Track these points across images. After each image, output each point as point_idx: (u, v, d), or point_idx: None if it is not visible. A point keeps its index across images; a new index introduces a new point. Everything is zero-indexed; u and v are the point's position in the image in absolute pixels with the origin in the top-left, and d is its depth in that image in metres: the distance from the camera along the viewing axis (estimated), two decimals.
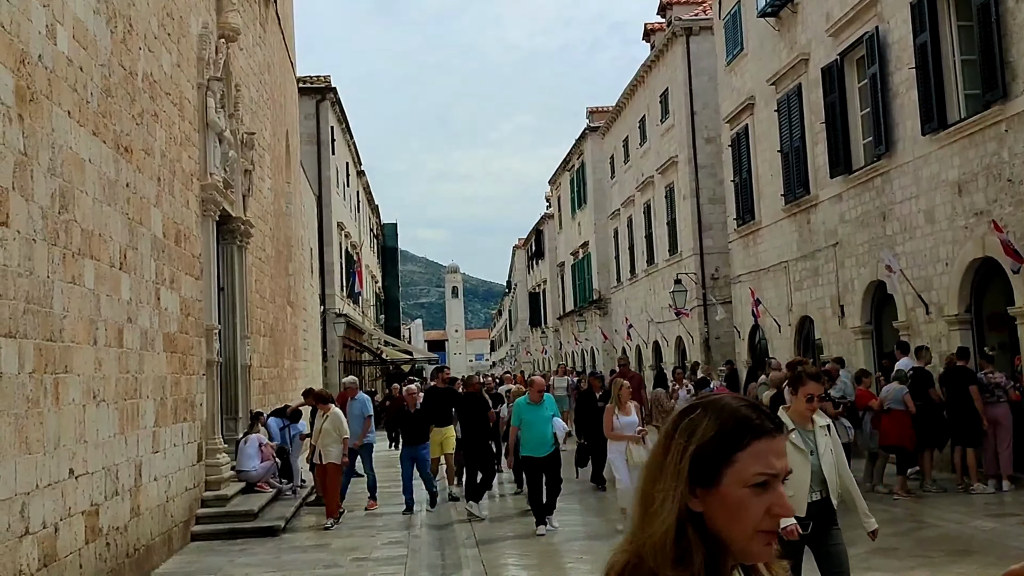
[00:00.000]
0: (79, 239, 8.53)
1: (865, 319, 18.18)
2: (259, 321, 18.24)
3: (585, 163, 43.89)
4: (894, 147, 16.39)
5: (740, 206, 24.17)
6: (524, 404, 12.20)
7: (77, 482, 8.18)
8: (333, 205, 36.23)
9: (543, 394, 12.27)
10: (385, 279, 62.84)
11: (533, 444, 11.92)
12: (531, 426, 11.95)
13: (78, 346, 8.38)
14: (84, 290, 8.60)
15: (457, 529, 12.66)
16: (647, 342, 33.80)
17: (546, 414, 11.97)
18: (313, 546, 11.66)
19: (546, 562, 10.28)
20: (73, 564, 8.00)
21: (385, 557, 10.76)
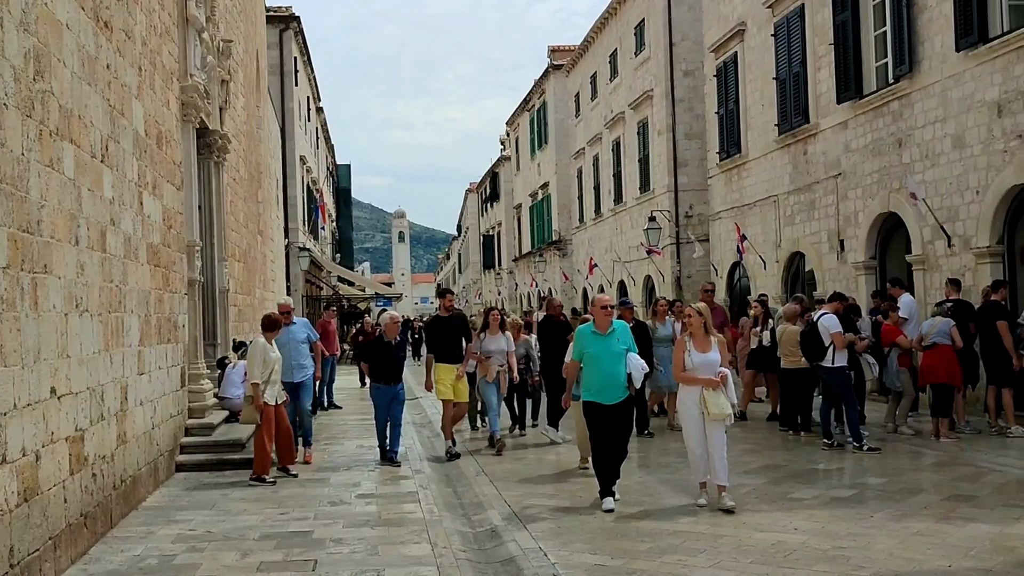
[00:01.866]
0: (57, 116, 6.74)
1: (869, 254, 16.94)
2: (234, 245, 16.41)
3: (547, 102, 42.12)
4: (918, 67, 15.00)
5: (725, 139, 22.74)
6: (588, 333, 8.68)
7: (60, 403, 6.48)
8: (296, 138, 34.16)
9: (611, 319, 8.71)
10: (339, 219, 60.78)
11: (599, 386, 8.47)
12: (597, 362, 8.50)
13: (58, 243, 6.63)
14: (64, 178, 6.84)
15: (462, 465, 11.17)
16: (611, 281, 32.46)
17: (618, 347, 8.52)
18: (311, 480, 10.07)
19: (576, 501, 8.83)
20: (57, 498, 6.35)
21: (395, 493, 9.22)
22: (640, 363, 8.56)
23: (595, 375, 8.50)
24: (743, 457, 10.68)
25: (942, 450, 11.11)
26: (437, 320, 12.15)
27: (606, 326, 8.61)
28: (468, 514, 8.46)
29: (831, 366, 11.30)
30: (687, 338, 8.53)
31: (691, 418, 8.35)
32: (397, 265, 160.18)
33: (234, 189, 16.79)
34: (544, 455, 11.78)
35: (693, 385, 8.34)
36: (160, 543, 7.23)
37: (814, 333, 11.40)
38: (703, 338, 8.46)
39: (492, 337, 12.34)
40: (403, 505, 8.60)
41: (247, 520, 8.01)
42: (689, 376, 8.40)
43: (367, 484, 9.83)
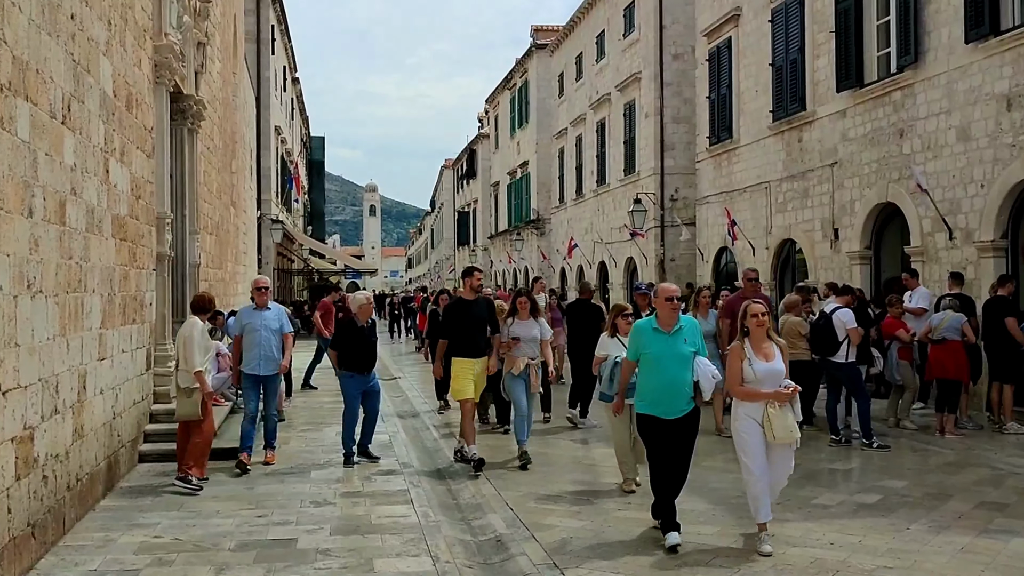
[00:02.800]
0: (9, 68, 5.84)
1: (864, 243, 16.31)
2: (206, 217, 15.49)
3: (529, 81, 41.18)
4: (923, 57, 14.32)
5: (716, 124, 22.00)
6: (649, 330, 6.88)
7: (5, 399, 5.63)
8: (272, 108, 33.06)
9: (679, 312, 6.91)
10: (311, 191, 59.60)
11: (659, 396, 6.74)
12: (659, 367, 6.75)
13: (7, 215, 5.76)
14: (16, 140, 5.95)
15: (449, 454, 10.39)
16: (591, 262, 31.75)
17: (684, 349, 6.79)
18: (290, 474, 9.26)
19: (583, 503, 8.11)
20: None
21: (383, 492, 8.44)
22: (711, 370, 6.83)
23: (655, 382, 6.76)
24: None
25: (949, 447, 10.58)
26: (459, 304, 9.93)
27: (672, 322, 6.82)
28: (467, 518, 7.68)
29: (843, 361, 10.67)
30: (744, 343, 6.74)
31: (753, 443, 6.56)
32: (367, 238, 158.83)
33: (208, 158, 15.85)
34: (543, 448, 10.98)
35: (755, 401, 6.59)
36: (121, 554, 6.38)
37: (828, 327, 10.73)
38: (765, 343, 6.72)
39: (521, 323, 10.13)
40: (394, 507, 7.81)
41: (221, 524, 7.19)
42: (751, 391, 6.60)
43: (352, 480, 9.03)
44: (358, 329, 9.97)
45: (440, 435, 12.07)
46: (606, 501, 8.10)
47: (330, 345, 10.27)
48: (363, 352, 9.94)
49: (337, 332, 10.27)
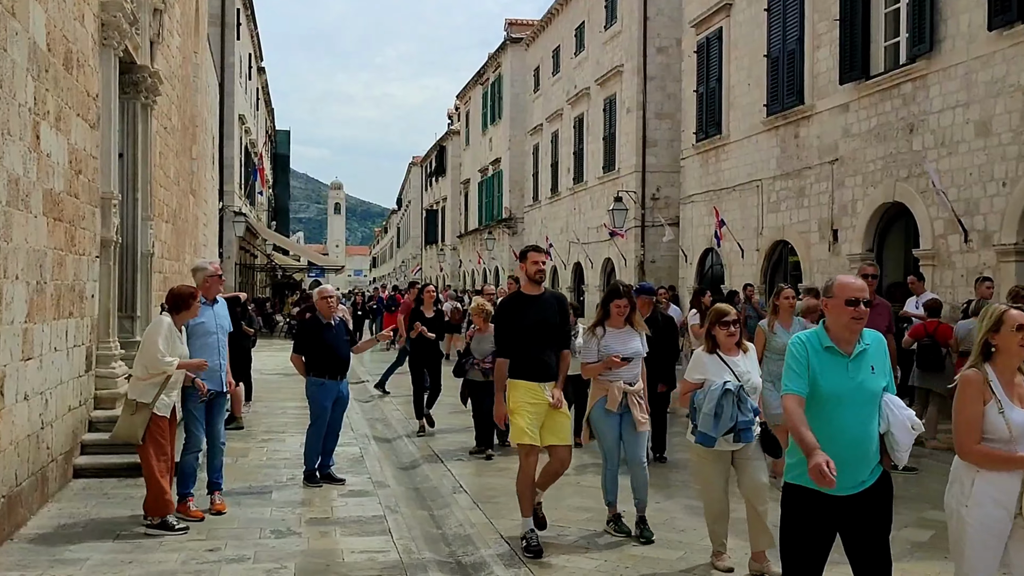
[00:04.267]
0: None
1: (867, 245, 15.36)
2: (162, 203, 14.17)
3: (503, 76, 40.05)
4: (938, 46, 13.37)
5: (704, 119, 20.99)
6: (819, 349, 4.28)
7: None
8: (236, 95, 31.65)
9: (862, 325, 4.27)
10: (276, 186, 58.05)
11: (832, 455, 4.00)
12: (833, 409, 4.20)
13: None
14: None
15: (433, 476, 9.23)
16: (566, 263, 30.68)
17: (873, 383, 4.26)
18: (248, 494, 8.03)
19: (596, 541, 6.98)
20: None
21: (356, 519, 7.26)
22: (908, 417, 4.25)
23: (826, 435, 4.09)
24: None
25: None
26: (517, 302, 6.72)
27: (853, 339, 4.26)
28: (456, 553, 6.50)
29: None
30: (992, 381, 4.18)
31: (994, 542, 4.13)
32: (332, 236, 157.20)
33: (164, 139, 14.52)
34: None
35: (1011, 470, 4.10)
36: None
37: None
38: (1017, 377, 4.23)
39: (616, 333, 6.90)
40: (369, 538, 6.62)
41: (164, 561, 5.96)
42: (1003, 455, 4.09)
43: (318, 503, 7.82)
44: (324, 327, 8.55)
45: (417, 448, 10.89)
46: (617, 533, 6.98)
47: (293, 349, 8.74)
48: (334, 353, 8.50)
49: (299, 333, 8.80)
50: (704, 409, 5.83)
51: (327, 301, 8.68)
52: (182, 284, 7.56)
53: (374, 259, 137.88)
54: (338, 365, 8.57)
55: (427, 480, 9.07)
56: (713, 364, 6.06)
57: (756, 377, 6.17)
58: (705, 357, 6.12)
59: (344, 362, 8.68)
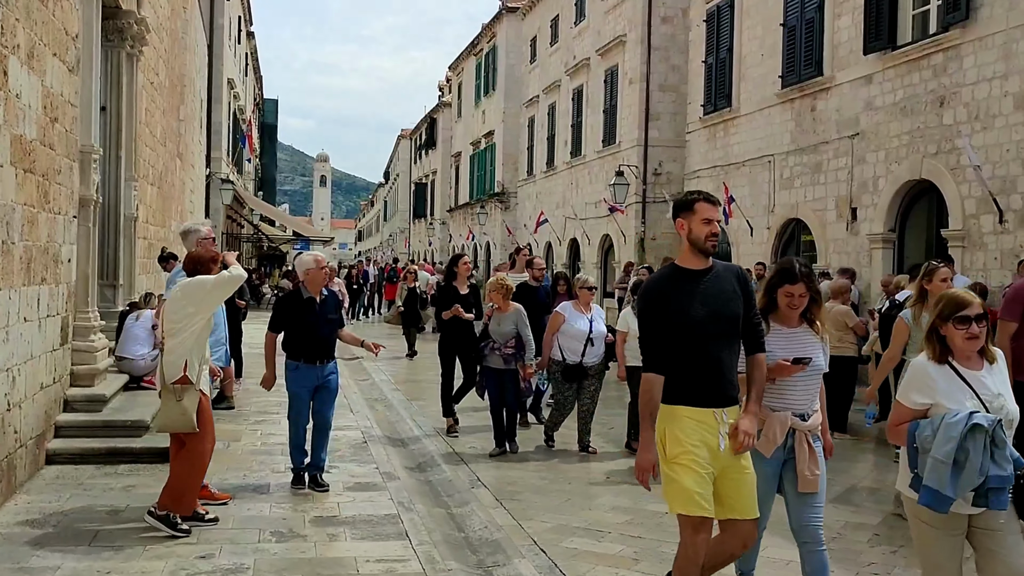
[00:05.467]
0: None
1: (888, 225, 14.55)
2: (147, 164, 13.20)
3: (497, 46, 38.91)
4: (975, 14, 12.52)
5: (713, 91, 20.08)
6: None
7: None
8: (225, 59, 30.46)
9: None
10: (263, 156, 56.77)
11: None
12: None
13: None
14: None
15: (446, 466, 8.36)
16: (561, 239, 29.79)
17: None
18: (243, 487, 7.15)
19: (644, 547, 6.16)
20: None
21: (367, 518, 6.41)
22: None
23: None
24: None
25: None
26: (675, 279, 4.35)
27: None
28: (484, 563, 5.66)
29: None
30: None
31: None
32: (317, 209, 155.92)
33: (151, 96, 13.53)
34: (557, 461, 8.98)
35: None
36: None
37: None
38: None
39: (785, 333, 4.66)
40: (385, 543, 5.77)
41: (149, 572, 5.08)
42: None
43: (323, 497, 6.95)
44: (306, 302, 7.19)
45: (423, 432, 10.03)
46: (662, 534, 6.16)
47: (269, 326, 7.30)
48: (315, 333, 7.15)
49: (277, 308, 7.39)
50: (935, 453, 3.78)
51: (322, 271, 7.24)
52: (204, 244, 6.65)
53: (359, 232, 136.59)
54: (317, 346, 7.13)
55: (440, 471, 8.22)
56: (946, 380, 3.95)
57: (1012, 403, 4.01)
58: (932, 369, 3.99)
59: (326, 343, 7.23)
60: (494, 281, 8.50)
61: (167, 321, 5.91)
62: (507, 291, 8.52)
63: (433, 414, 11.17)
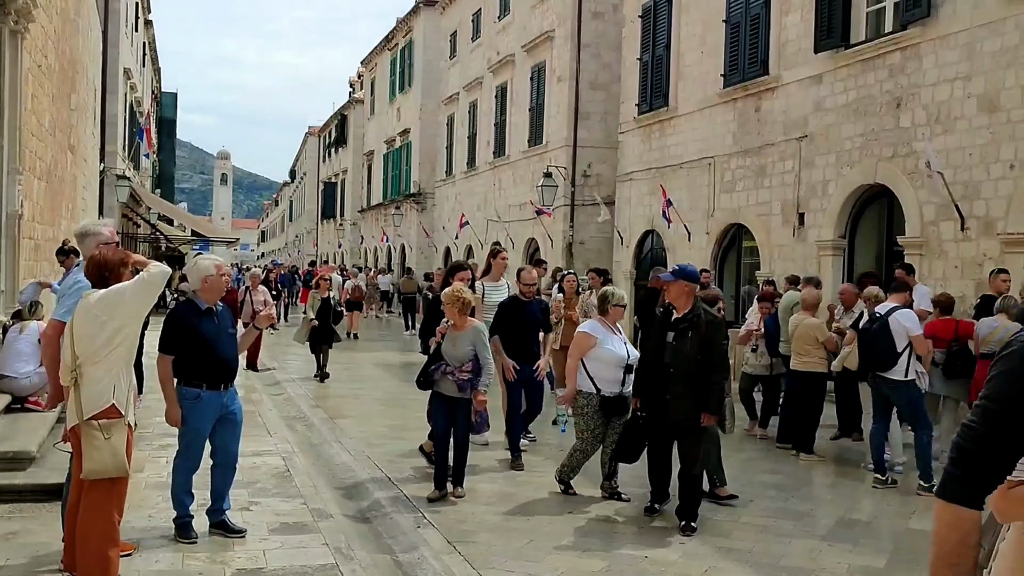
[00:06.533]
0: None
1: (839, 232, 14.17)
2: (34, 156, 11.92)
3: (414, 41, 37.96)
4: (936, 12, 12.19)
5: (649, 90, 19.55)
6: None
7: None
8: (121, 47, 28.78)
9: None
10: (161, 152, 54.52)
11: None
12: None
13: None
14: None
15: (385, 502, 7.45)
16: (483, 242, 28.97)
17: None
18: (148, 531, 6.16)
19: None
20: None
21: (297, 569, 5.51)
22: None
23: None
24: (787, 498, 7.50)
25: None
26: None
27: None
28: None
29: (902, 379, 8.25)
30: None
31: None
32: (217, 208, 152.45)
33: (39, 80, 12.24)
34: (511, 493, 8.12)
35: None
36: None
37: (884, 334, 8.29)
38: None
39: None
40: None
41: None
42: None
43: (247, 544, 6.00)
44: (202, 314, 6.08)
45: (352, 457, 9.09)
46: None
47: (160, 347, 6.05)
48: (212, 353, 6.03)
49: (168, 325, 6.10)
50: None
51: (223, 279, 6.19)
52: (105, 248, 5.54)
53: (263, 233, 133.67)
54: (221, 369, 6.10)
55: (377, 506, 7.31)
56: None
57: None
58: None
59: (231, 365, 6.20)
60: (449, 293, 7.35)
61: (82, 345, 4.86)
62: (464, 305, 7.28)
63: (361, 435, 10.30)
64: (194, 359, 6.02)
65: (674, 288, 6.73)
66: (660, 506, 7.02)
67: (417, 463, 8.73)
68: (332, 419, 11.36)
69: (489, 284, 9.61)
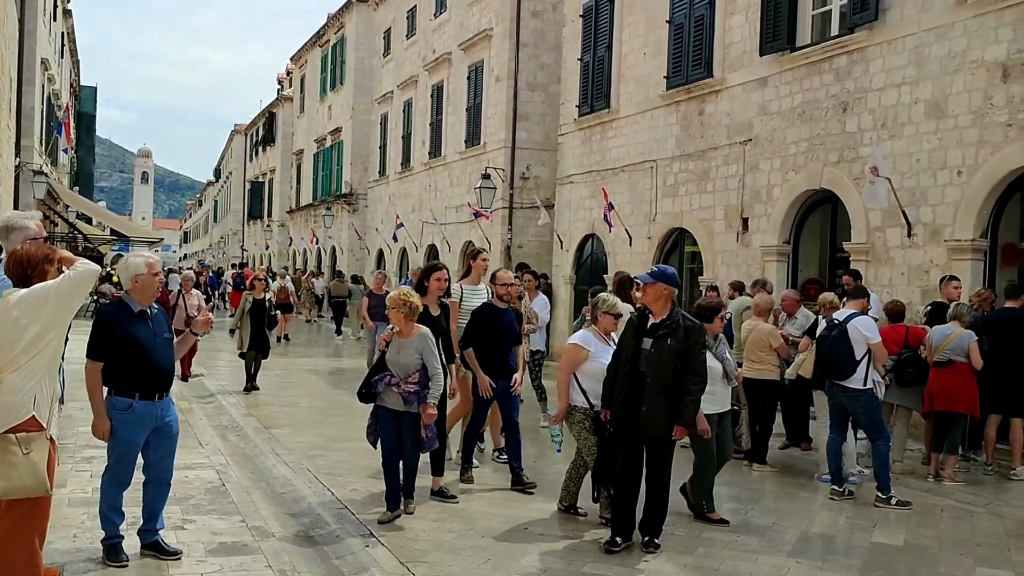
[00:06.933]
0: None
1: (784, 237, 14.10)
2: None
3: (346, 38, 37.28)
4: (884, 15, 12.18)
5: (590, 92, 19.34)
6: None
7: None
8: (38, 36, 27.64)
9: None
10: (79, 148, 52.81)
11: None
12: None
13: None
14: None
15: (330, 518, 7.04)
16: (418, 245, 28.53)
17: None
18: (72, 555, 5.68)
19: None
20: None
21: None
22: None
23: None
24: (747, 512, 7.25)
25: (968, 500, 8.32)
26: None
27: None
28: None
29: (860, 388, 8.10)
30: None
31: None
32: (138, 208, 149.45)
33: None
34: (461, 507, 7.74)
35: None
36: None
37: (842, 341, 8.12)
38: None
39: None
40: None
41: None
42: None
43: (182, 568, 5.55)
44: (136, 318, 5.61)
45: (292, 470, 8.63)
46: None
47: (88, 353, 5.56)
48: (149, 359, 5.58)
49: (96, 327, 5.60)
50: None
51: (155, 278, 5.70)
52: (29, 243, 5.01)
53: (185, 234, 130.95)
54: (156, 376, 5.64)
55: (321, 523, 6.88)
56: None
57: None
58: None
59: (167, 373, 5.75)
60: (395, 296, 6.84)
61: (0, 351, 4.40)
62: (411, 310, 6.73)
63: (298, 446, 9.83)
64: (126, 366, 5.55)
65: (651, 291, 6.34)
66: (623, 542, 6.32)
67: (361, 476, 8.32)
68: (266, 428, 10.86)
69: (468, 287, 8.77)
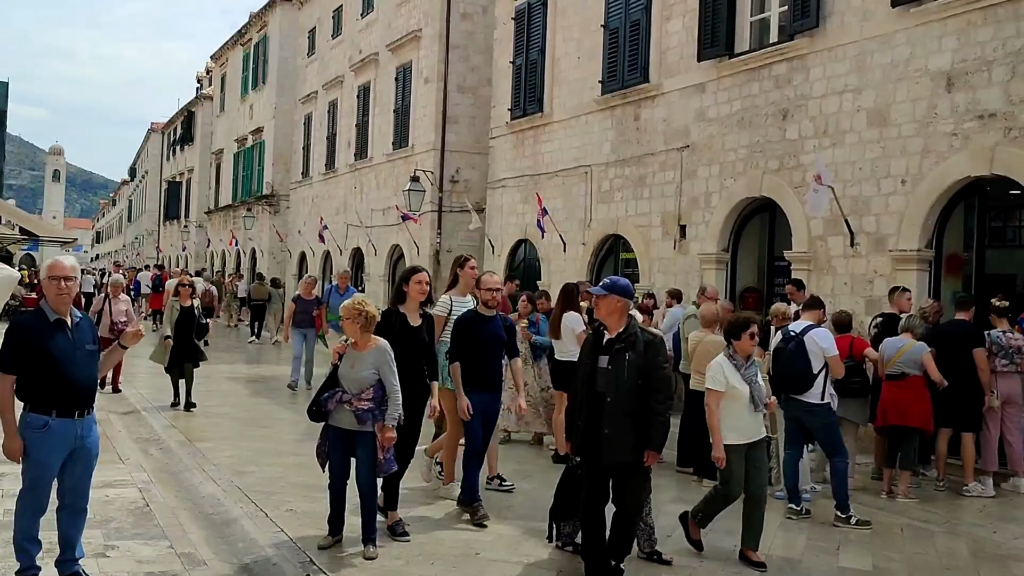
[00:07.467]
0: None
1: (722, 245, 13.89)
2: None
3: (269, 36, 36.28)
4: (825, 22, 12.05)
5: (521, 95, 18.95)
6: None
7: None
8: None
9: None
10: None
11: None
12: None
13: None
14: None
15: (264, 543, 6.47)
16: (342, 248, 27.81)
17: None
18: None
19: None
20: None
21: None
22: None
23: None
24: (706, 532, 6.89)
25: (922, 517, 8.15)
26: None
27: None
28: None
29: (817, 403, 7.83)
30: None
31: None
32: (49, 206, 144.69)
33: None
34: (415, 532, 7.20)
35: None
36: None
37: (799, 354, 7.84)
38: None
39: None
40: None
41: None
42: None
43: None
44: (53, 327, 5.08)
45: (221, 488, 8.01)
46: None
47: (2, 367, 5.01)
48: (68, 373, 5.05)
49: (8, 337, 5.06)
50: None
51: (53, 284, 5.09)
52: None
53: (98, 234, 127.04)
54: (76, 392, 5.10)
55: (257, 548, 6.31)
56: None
57: None
58: None
59: (88, 389, 5.20)
60: (349, 305, 6.14)
61: None
62: (367, 320, 6.09)
63: (225, 461, 9.21)
64: (41, 380, 4.99)
65: (604, 304, 5.79)
66: None
67: (295, 495, 7.75)
68: (191, 442, 10.18)
69: (457, 298, 7.93)
